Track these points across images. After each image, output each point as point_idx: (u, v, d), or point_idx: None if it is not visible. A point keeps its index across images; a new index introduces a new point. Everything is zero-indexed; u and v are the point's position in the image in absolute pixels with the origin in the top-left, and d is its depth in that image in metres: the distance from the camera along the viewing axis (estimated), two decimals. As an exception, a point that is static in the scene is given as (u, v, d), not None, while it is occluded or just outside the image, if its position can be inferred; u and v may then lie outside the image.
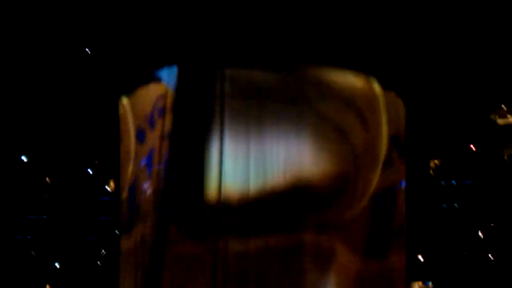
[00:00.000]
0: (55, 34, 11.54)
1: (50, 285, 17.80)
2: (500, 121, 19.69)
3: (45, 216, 19.18)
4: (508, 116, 19.45)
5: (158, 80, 6.62)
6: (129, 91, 7.15)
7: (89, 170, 19.71)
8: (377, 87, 6.69)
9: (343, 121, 6.19)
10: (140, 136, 6.73)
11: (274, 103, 6.00)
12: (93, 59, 12.59)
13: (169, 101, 6.36)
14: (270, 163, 5.77)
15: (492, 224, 18.59)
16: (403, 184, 6.98)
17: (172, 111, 6.20)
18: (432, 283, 18.67)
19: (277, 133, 5.99)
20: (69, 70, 13.08)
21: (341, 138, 6.14)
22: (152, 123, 6.53)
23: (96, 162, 19.47)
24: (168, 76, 6.39)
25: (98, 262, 18.70)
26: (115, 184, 18.09)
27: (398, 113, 6.87)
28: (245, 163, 5.82)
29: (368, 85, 6.52)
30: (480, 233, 18.72)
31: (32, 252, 18.79)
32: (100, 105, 12.94)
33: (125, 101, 7.17)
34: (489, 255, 18.26)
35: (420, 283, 18.85)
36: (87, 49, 12.26)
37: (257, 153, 5.90)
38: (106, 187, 20.15)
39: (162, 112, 6.25)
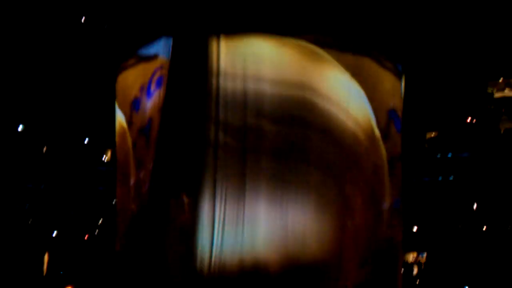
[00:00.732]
0: (54, 6, 11.49)
1: (49, 253, 17.96)
2: (497, 95, 19.69)
3: (43, 186, 19.27)
4: (505, 89, 19.44)
5: (155, 55, 6.59)
6: (126, 63, 7.13)
7: (86, 140, 19.72)
8: (375, 65, 6.65)
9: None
10: (136, 105, 6.72)
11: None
12: (90, 29, 12.51)
13: (165, 72, 6.32)
14: None
15: (486, 197, 18.73)
16: (400, 158, 7.01)
17: (167, 82, 6.16)
18: (427, 254, 18.86)
19: None
20: (66, 40, 13.01)
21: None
22: (149, 93, 6.52)
23: (92, 133, 19.48)
24: (165, 48, 6.36)
25: (96, 231, 18.85)
26: (112, 154, 18.14)
27: (395, 88, 6.85)
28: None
29: (367, 63, 6.48)
30: (474, 205, 18.87)
31: (31, 221, 18.91)
32: (98, 75, 12.92)
33: (122, 73, 7.15)
34: (484, 227, 18.44)
35: (415, 253, 19.04)
36: (83, 19, 12.19)
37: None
38: (103, 157, 20.19)
39: (160, 83, 6.24)
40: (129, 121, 6.65)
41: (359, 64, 6.44)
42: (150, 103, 6.44)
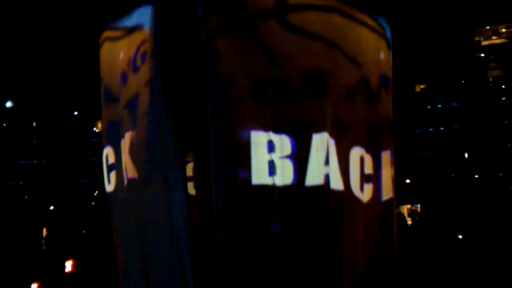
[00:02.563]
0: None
1: (47, 228, 18.05)
2: (484, 42, 19.66)
3: (35, 161, 19.26)
4: (493, 37, 19.41)
5: (139, 26, 6.45)
6: (109, 34, 7.00)
7: (75, 112, 19.65)
8: (363, 28, 6.54)
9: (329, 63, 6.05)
10: (123, 78, 6.62)
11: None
12: (74, 1, 12.32)
13: (149, 46, 6.19)
14: None
15: (477, 145, 18.88)
16: (391, 120, 7.03)
17: (152, 56, 6.05)
18: (421, 205, 19.09)
19: None
20: (49, 10, 12.81)
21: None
22: (135, 67, 6.40)
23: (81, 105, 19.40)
24: (146, 18, 6.23)
25: (92, 203, 18.91)
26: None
27: (384, 53, 6.78)
28: None
29: (353, 25, 6.38)
30: (465, 154, 19.04)
31: (26, 196, 18.95)
32: (84, 47, 12.76)
33: (106, 45, 7.02)
34: (475, 175, 18.65)
35: (409, 206, 19.28)
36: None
37: None
38: (94, 128, 20.17)
39: (145, 57, 6.10)
40: (117, 94, 6.56)
41: (349, 29, 6.33)
42: (137, 78, 6.33)
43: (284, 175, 5.99)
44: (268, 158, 5.84)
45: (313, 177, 5.93)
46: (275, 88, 5.98)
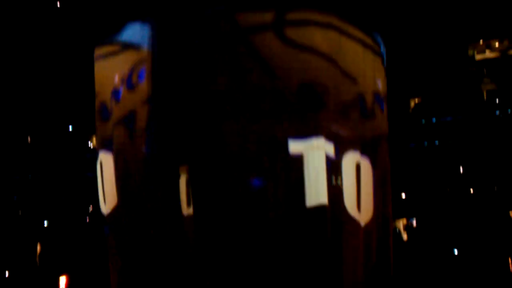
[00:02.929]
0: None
1: (41, 244, 17.92)
2: (478, 57, 19.76)
3: (30, 176, 19.14)
4: (486, 51, 19.52)
5: (136, 45, 6.46)
6: (104, 50, 7.01)
7: (70, 127, 19.57)
8: (358, 45, 6.60)
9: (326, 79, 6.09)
10: (115, 94, 6.65)
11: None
12: (67, 13, 12.34)
13: (148, 64, 6.23)
14: None
15: (472, 160, 18.91)
16: (386, 138, 7.04)
17: (151, 74, 6.08)
18: (416, 220, 19.06)
19: None
20: (44, 24, 12.82)
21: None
22: (130, 85, 6.42)
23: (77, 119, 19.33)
24: (145, 36, 6.25)
25: (87, 218, 18.81)
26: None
27: (379, 71, 6.85)
28: None
29: (349, 42, 6.42)
30: (461, 169, 19.06)
31: (20, 212, 18.82)
32: (79, 61, 12.76)
33: (100, 61, 7.04)
34: (470, 189, 18.65)
35: (405, 220, 19.24)
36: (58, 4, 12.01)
37: None
38: (89, 143, 20.09)
39: (143, 76, 6.14)
40: (110, 110, 6.58)
41: (345, 45, 6.37)
42: (132, 96, 6.34)
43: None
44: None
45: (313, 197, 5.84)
46: (273, 100, 5.98)
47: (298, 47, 5.88)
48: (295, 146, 5.74)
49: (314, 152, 5.77)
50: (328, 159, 5.83)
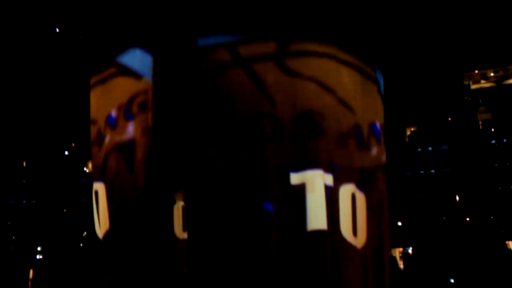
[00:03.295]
0: (27, 19, 11.41)
1: (33, 269, 17.74)
2: (474, 86, 19.93)
3: (24, 201, 19.06)
4: (481, 80, 19.70)
5: (136, 72, 6.47)
6: (101, 75, 7.02)
7: (66, 152, 19.57)
8: (357, 74, 6.64)
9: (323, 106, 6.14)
10: (111, 121, 6.64)
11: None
12: (64, 41, 12.43)
13: (150, 95, 6.26)
14: None
15: (468, 188, 18.91)
16: (384, 169, 7.04)
17: (152, 105, 6.13)
18: (412, 248, 18.99)
19: None
20: (42, 52, 12.90)
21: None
22: (129, 115, 6.42)
23: (73, 145, 19.36)
24: (146, 66, 6.27)
25: (80, 244, 18.67)
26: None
27: (376, 102, 6.88)
28: None
29: (347, 71, 6.48)
30: (457, 197, 19.05)
31: (13, 237, 18.68)
32: (75, 87, 12.81)
33: (97, 87, 7.04)
34: (467, 218, 18.62)
35: (401, 249, 19.17)
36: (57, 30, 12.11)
37: None
38: (84, 168, 20.05)
39: (144, 107, 6.15)
40: (103, 135, 6.58)
41: (343, 74, 6.42)
42: (132, 125, 6.35)
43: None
44: None
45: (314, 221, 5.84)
46: (272, 125, 6.02)
47: (297, 76, 5.93)
48: (296, 176, 5.77)
49: (314, 180, 5.82)
50: (326, 188, 5.87)
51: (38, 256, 18.22)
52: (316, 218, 5.54)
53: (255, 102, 5.97)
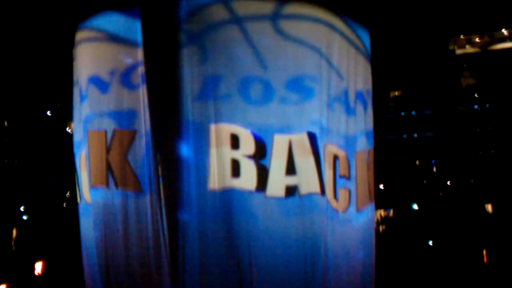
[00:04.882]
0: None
1: (16, 229, 17.76)
2: (458, 51, 19.93)
3: (6, 161, 18.93)
4: (466, 46, 19.69)
5: (125, 39, 6.38)
6: (86, 34, 6.91)
7: (48, 112, 19.38)
8: (347, 43, 6.73)
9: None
10: (99, 84, 6.58)
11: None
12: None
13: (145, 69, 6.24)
14: None
15: (449, 152, 19.12)
16: (370, 134, 7.22)
17: (147, 76, 6.11)
18: (393, 211, 19.26)
19: None
20: (24, 8, 12.60)
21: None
22: (130, 84, 6.37)
23: (58, 105, 19.13)
24: (135, 32, 6.20)
25: (64, 204, 18.68)
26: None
27: (364, 71, 7.00)
28: None
29: (338, 39, 6.54)
30: (438, 161, 19.27)
31: (-4, 197, 18.62)
32: (58, 47, 12.58)
33: (83, 44, 6.93)
34: (448, 182, 18.88)
35: (382, 210, 19.42)
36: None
37: None
38: (67, 128, 19.91)
39: (144, 79, 6.14)
40: (84, 95, 6.55)
41: (335, 41, 6.51)
42: (132, 95, 6.35)
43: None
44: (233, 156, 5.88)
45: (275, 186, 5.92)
46: (262, 89, 6.04)
47: (291, 39, 5.97)
48: (280, 136, 5.84)
49: (299, 142, 5.89)
50: (314, 149, 5.96)
51: (21, 216, 18.21)
52: (308, 181, 5.61)
53: (247, 64, 5.99)
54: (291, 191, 5.76)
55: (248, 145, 5.76)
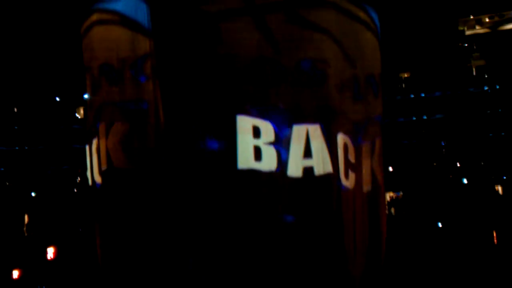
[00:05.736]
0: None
1: (28, 215, 17.90)
2: (468, 32, 19.74)
3: (17, 148, 19.03)
4: (476, 26, 19.49)
5: (135, 21, 6.35)
6: (96, 18, 6.88)
7: (57, 98, 19.43)
8: (360, 27, 6.74)
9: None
10: (110, 73, 6.55)
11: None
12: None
13: (155, 62, 6.26)
14: None
15: (459, 134, 19.03)
16: (379, 119, 7.21)
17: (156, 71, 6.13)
18: (403, 193, 19.24)
19: None
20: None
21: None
22: (139, 74, 6.37)
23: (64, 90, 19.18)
24: (144, 14, 6.18)
25: (74, 189, 18.79)
26: (85, 111, 17.91)
27: (375, 54, 6.99)
28: None
29: (351, 24, 6.55)
30: (447, 143, 19.18)
31: (7, 183, 18.75)
32: (67, 32, 12.58)
33: (99, 28, 6.89)
34: (457, 163, 18.82)
35: (391, 193, 19.42)
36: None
37: None
38: (76, 114, 19.99)
39: (155, 73, 6.14)
40: (97, 84, 6.53)
41: (349, 27, 6.50)
42: (145, 86, 6.35)
43: (269, 162, 6.10)
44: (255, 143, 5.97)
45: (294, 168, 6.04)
46: (274, 70, 6.07)
47: (306, 25, 5.98)
48: (298, 127, 5.92)
49: (312, 125, 5.97)
50: (325, 132, 6.04)
51: (32, 202, 18.34)
52: (323, 162, 5.77)
53: (260, 47, 6.01)
54: (308, 171, 5.91)
55: (268, 135, 5.93)
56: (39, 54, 16.54)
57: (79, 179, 18.71)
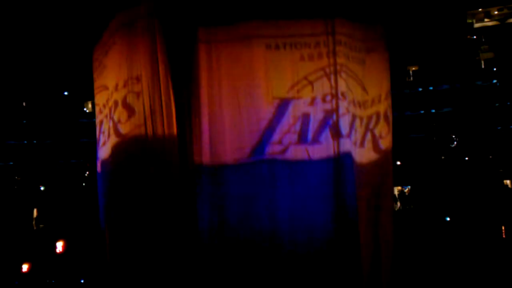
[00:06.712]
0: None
1: (37, 209, 18.01)
2: (477, 25, 19.60)
3: (25, 142, 19.12)
4: (485, 19, 19.35)
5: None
6: (130, 18, 7.17)
7: (65, 92, 19.49)
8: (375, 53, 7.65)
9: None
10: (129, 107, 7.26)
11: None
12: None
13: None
14: None
15: (468, 128, 18.95)
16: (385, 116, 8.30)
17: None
18: (410, 187, 19.21)
19: None
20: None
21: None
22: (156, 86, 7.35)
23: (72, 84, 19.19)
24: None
25: (83, 183, 18.87)
26: (92, 105, 17.97)
27: (384, 74, 7.83)
28: None
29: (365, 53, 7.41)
30: (456, 137, 19.11)
31: (16, 177, 18.87)
32: (76, 27, 12.59)
33: (126, 29, 7.14)
34: (465, 158, 18.75)
35: (399, 187, 19.39)
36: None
37: None
38: (84, 108, 20.04)
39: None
40: (111, 112, 7.17)
41: (355, 59, 7.39)
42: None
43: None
44: None
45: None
46: None
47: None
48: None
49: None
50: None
51: (41, 196, 18.44)
52: (344, 141, 6.53)
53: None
54: None
55: None
56: (47, 48, 16.59)
57: (87, 173, 18.79)
